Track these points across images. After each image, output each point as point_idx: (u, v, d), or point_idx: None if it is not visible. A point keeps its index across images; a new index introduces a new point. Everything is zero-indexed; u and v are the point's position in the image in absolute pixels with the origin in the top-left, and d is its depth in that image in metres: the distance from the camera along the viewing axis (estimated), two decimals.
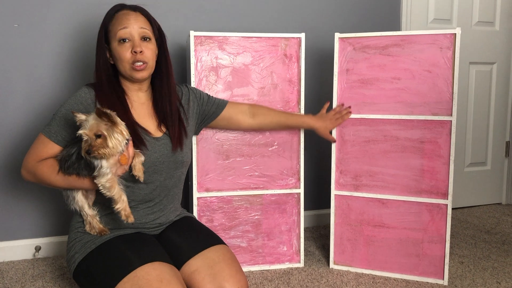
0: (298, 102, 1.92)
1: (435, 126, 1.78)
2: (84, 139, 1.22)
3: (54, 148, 1.35)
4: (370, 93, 1.85)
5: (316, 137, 2.44)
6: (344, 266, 1.94)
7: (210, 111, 1.67)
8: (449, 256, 1.92)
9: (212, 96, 1.70)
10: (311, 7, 2.42)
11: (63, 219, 2.09)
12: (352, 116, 1.88)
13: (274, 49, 1.89)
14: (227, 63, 1.86)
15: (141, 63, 1.39)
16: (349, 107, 1.88)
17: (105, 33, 1.42)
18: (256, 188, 1.92)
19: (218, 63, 1.85)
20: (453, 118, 1.76)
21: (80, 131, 1.22)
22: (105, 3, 2.03)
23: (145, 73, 1.42)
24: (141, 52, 1.38)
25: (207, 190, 1.87)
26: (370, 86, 1.85)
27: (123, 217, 1.29)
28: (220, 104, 1.70)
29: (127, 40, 1.38)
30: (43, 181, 1.35)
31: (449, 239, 1.79)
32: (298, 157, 1.94)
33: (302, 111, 1.92)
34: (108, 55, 1.43)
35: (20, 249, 2.04)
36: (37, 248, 2.05)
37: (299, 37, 1.90)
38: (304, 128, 1.89)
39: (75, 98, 1.38)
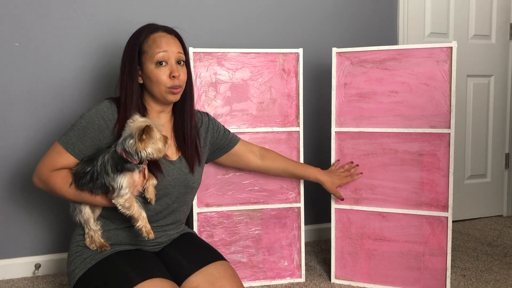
0: (297, 116, 1.93)
1: (434, 139, 1.79)
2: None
3: (69, 159, 1.34)
4: (368, 106, 1.87)
5: (315, 151, 2.46)
6: (345, 281, 1.93)
7: (223, 145, 1.67)
8: (451, 269, 1.91)
9: (228, 130, 1.70)
10: (309, 23, 2.45)
11: (63, 236, 2.08)
12: (351, 129, 1.89)
13: (272, 64, 1.91)
14: (226, 78, 1.87)
15: (178, 87, 1.40)
16: (357, 165, 1.88)
17: (139, 53, 1.39)
18: (256, 203, 1.92)
19: (217, 78, 1.86)
20: (451, 131, 1.76)
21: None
22: (109, 21, 2.06)
23: (179, 96, 1.43)
24: (179, 76, 1.39)
25: (207, 205, 1.87)
26: (368, 100, 1.86)
27: (144, 234, 1.29)
28: (233, 140, 1.70)
29: (164, 64, 1.37)
30: (54, 191, 1.34)
31: (450, 252, 1.78)
32: None
33: (301, 125, 1.93)
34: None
35: (19, 267, 2.03)
36: (37, 266, 2.03)
37: (297, 53, 1.92)
38: (310, 179, 1.84)
39: (97, 111, 1.36)
